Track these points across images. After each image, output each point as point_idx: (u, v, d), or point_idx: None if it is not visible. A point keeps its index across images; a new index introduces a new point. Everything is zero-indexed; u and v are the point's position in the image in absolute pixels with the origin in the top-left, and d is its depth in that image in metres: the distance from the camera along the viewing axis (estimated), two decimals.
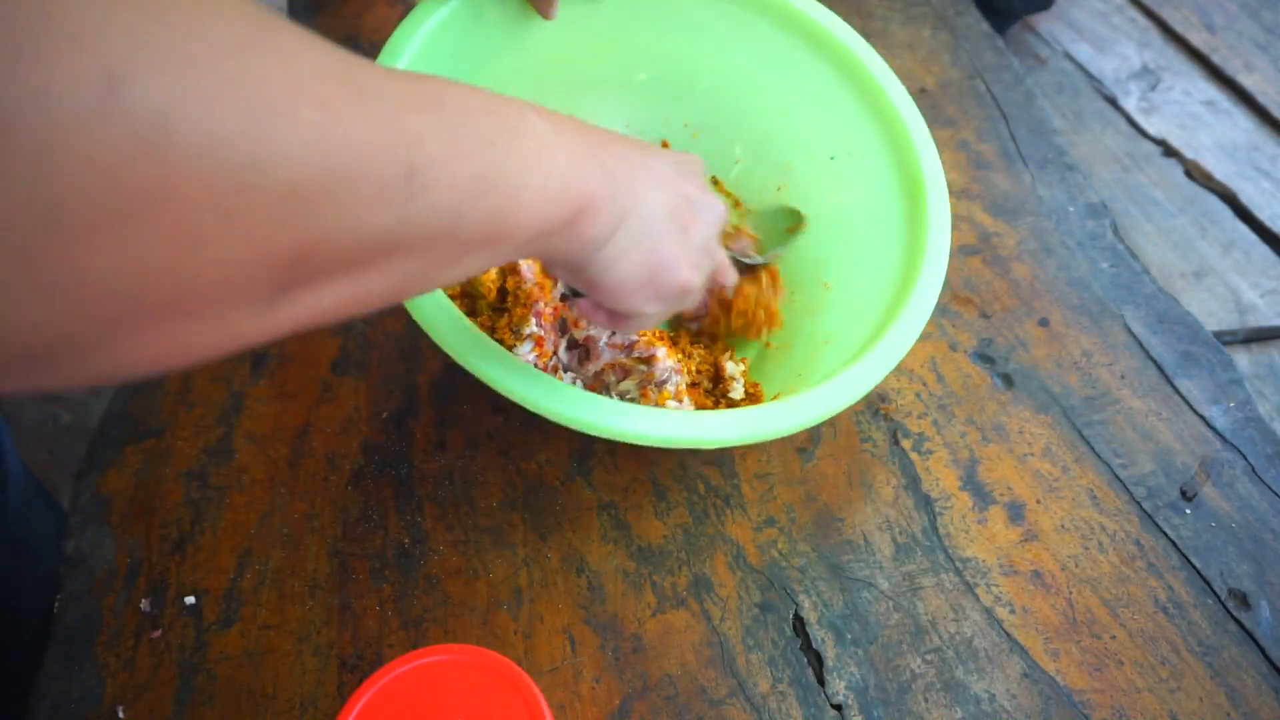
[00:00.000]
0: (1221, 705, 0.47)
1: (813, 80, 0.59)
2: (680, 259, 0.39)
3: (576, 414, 0.43)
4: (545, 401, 0.42)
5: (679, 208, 0.39)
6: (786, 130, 0.62)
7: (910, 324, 0.48)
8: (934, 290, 0.49)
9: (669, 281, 0.39)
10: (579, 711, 0.47)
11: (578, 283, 0.38)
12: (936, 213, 0.52)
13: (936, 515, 0.55)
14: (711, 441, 0.43)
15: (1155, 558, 0.53)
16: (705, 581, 0.52)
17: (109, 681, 0.47)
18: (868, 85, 0.56)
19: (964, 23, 0.90)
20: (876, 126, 0.56)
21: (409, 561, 0.52)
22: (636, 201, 0.36)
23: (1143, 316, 0.65)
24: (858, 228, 0.57)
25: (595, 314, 0.42)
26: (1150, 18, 1.32)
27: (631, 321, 0.41)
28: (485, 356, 0.43)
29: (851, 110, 0.58)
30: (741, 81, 0.62)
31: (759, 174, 0.64)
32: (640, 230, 0.36)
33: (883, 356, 0.47)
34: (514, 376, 0.43)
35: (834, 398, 0.45)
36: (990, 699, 0.48)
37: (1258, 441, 0.58)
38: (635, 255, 0.36)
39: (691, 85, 0.63)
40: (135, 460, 0.56)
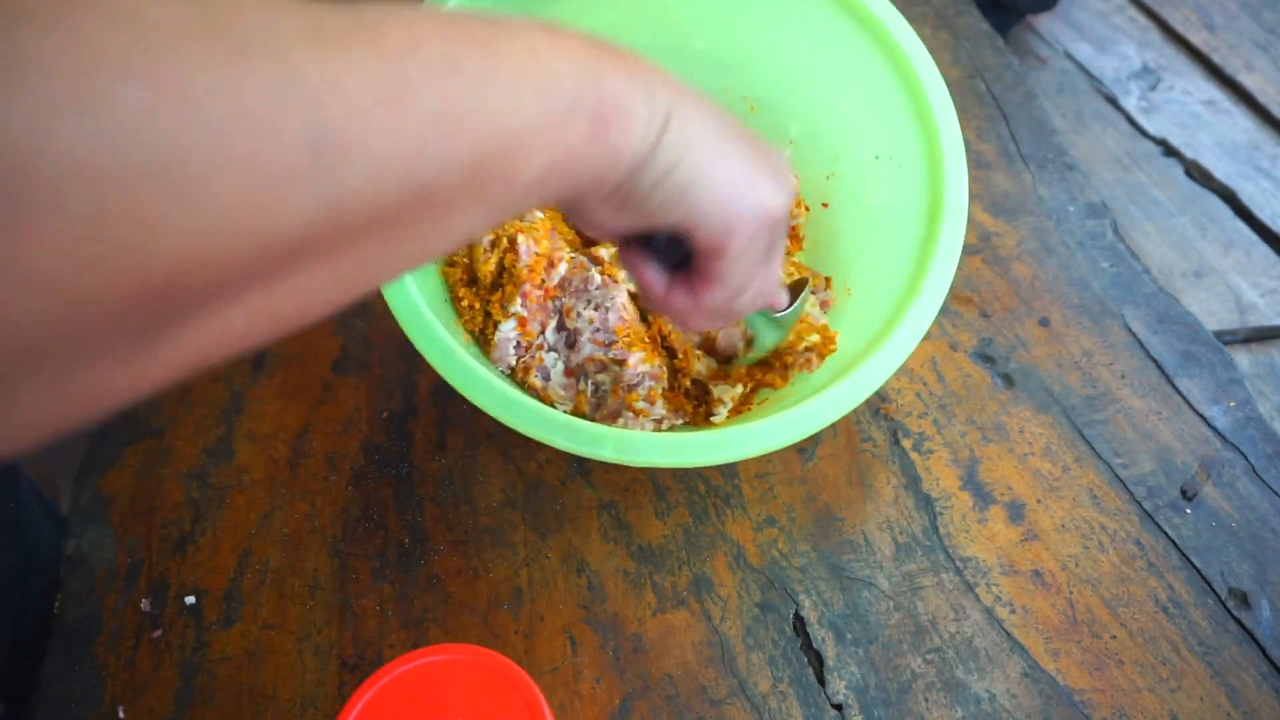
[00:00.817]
0: (1222, 705, 0.47)
1: (865, 73, 0.57)
2: (759, 172, 0.30)
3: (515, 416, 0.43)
4: (499, 410, 0.44)
5: (734, 123, 0.31)
6: (838, 120, 0.61)
7: (895, 349, 0.47)
8: (928, 315, 0.48)
9: (750, 199, 0.30)
10: (579, 711, 0.47)
11: (631, 219, 0.29)
12: (947, 241, 0.50)
13: (937, 515, 0.55)
14: (685, 463, 0.43)
15: (1155, 557, 0.53)
16: (705, 581, 0.52)
17: (109, 681, 0.47)
18: (916, 89, 0.55)
19: (964, 22, 0.90)
20: (919, 134, 0.55)
21: (409, 561, 0.52)
22: (679, 104, 0.28)
23: (1143, 316, 0.65)
24: (884, 233, 0.56)
25: (671, 297, 0.34)
26: (1150, 17, 1.32)
27: (720, 274, 0.32)
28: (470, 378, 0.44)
29: (899, 112, 0.56)
30: (798, 62, 0.61)
31: (810, 158, 0.63)
32: (694, 132, 0.29)
33: (860, 383, 0.46)
34: (491, 397, 0.44)
35: (802, 424, 0.44)
36: (990, 699, 0.48)
37: (1258, 441, 0.58)
38: (696, 158, 0.28)
39: (750, 59, 0.62)
40: (135, 460, 0.56)
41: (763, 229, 0.31)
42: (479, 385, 0.44)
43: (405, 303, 0.46)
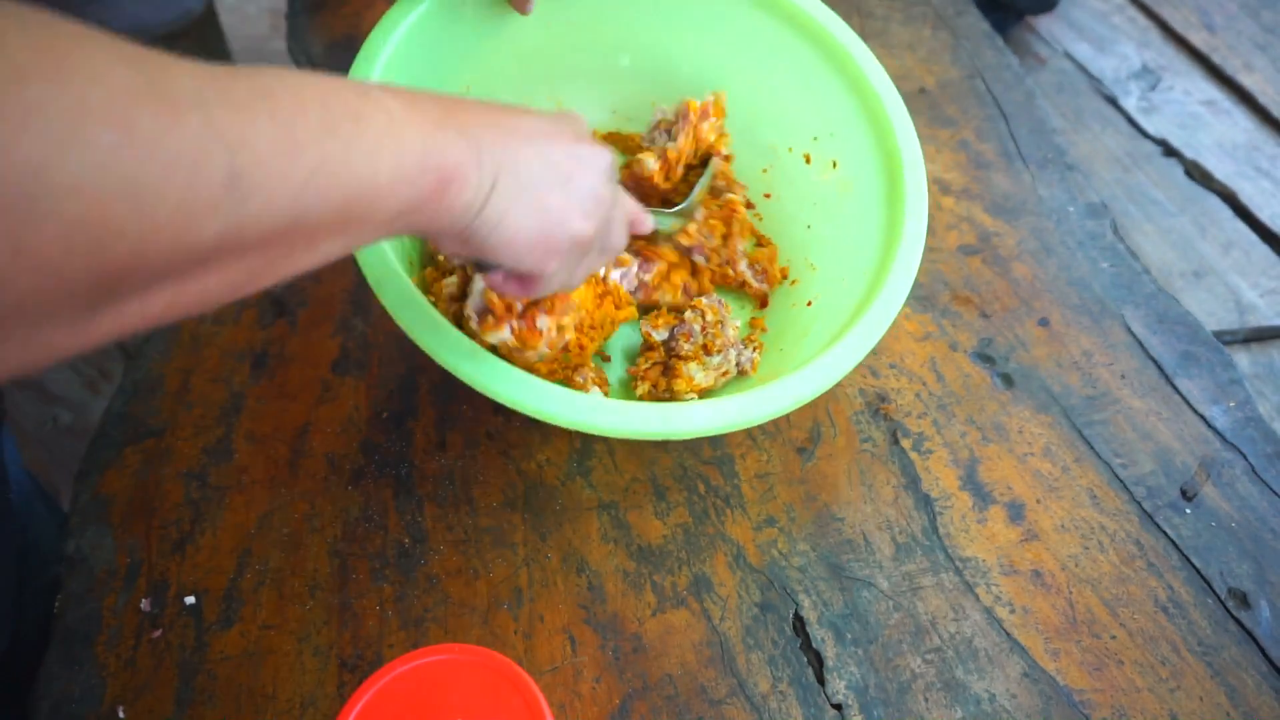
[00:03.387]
0: (1221, 705, 0.47)
1: (792, 60, 0.59)
2: (568, 209, 0.38)
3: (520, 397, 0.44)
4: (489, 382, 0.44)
5: (558, 160, 0.38)
6: (770, 112, 0.62)
7: (880, 315, 0.48)
8: (907, 279, 0.49)
9: (560, 235, 0.38)
10: (579, 711, 0.47)
11: (471, 252, 0.37)
12: (913, 196, 0.52)
13: (936, 515, 0.55)
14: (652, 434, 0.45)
15: (1155, 557, 0.53)
16: (705, 581, 0.52)
17: (109, 681, 0.47)
18: (845, 64, 0.57)
19: (964, 22, 0.90)
20: (856, 104, 0.57)
21: (409, 561, 0.52)
22: (507, 162, 0.35)
23: (1143, 316, 0.65)
24: (841, 206, 0.58)
25: (506, 286, 0.41)
26: (1150, 17, 1.32)
27: (539, 284, 0.40)
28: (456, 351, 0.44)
29: (832, 89, 0.58)
30: (723, 64, 0.63)
31: (746, 157, 0.64)
32: (517, 187, 0.35)
33: (845, 353, 0.47)
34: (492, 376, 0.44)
35: (791, 391, 0.45)
36: (990, 699, 0.48)
37: (1258, 441, 0.58)
38: (518, 213, 0.36)
39: (675, 69, 0.64)
40: (135, 460, 0.56)
41: (574, 251, 0.39)
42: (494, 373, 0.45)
43: (395, 291, 0.46)
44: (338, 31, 0.88)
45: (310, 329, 0.63)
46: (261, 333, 0.63)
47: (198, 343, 0.62)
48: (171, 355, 0.61)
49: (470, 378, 0.44)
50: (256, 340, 0.62)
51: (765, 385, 0.46)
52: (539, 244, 0.37)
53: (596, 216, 0.39)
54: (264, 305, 0.64)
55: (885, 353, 0.63)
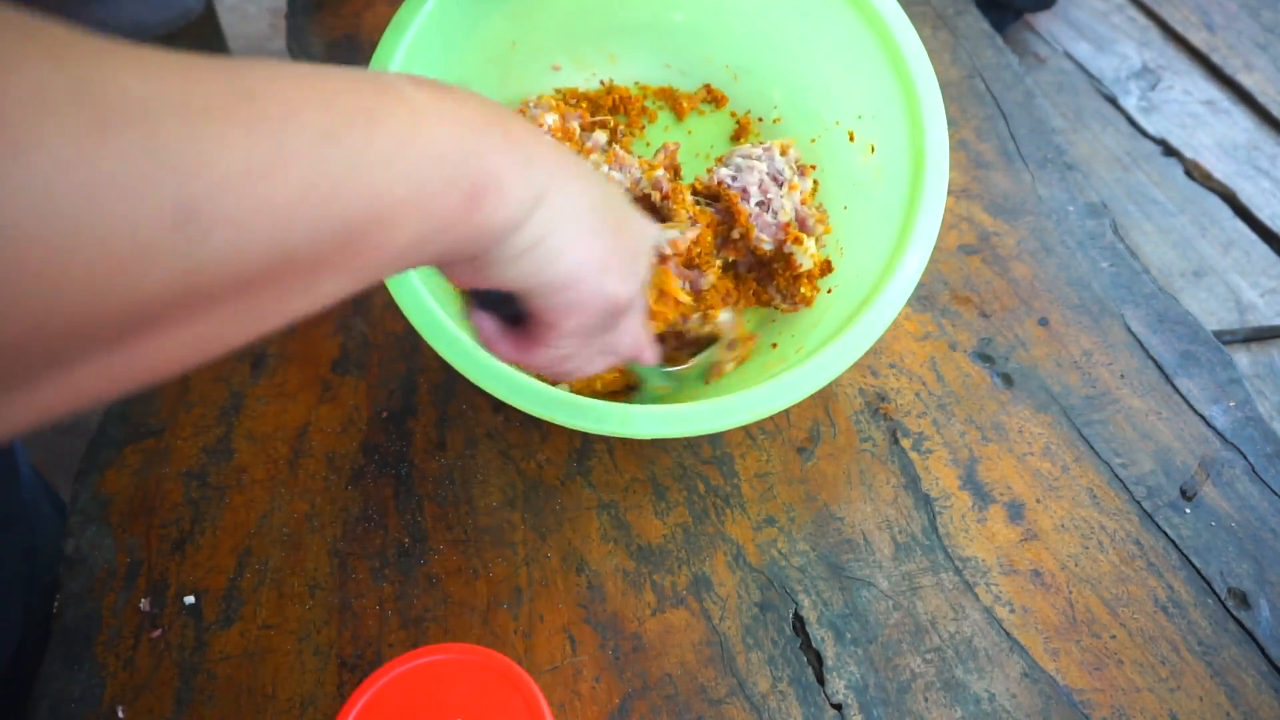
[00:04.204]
0: (1221, 705, 0.47)
1: (843, 33, 0.58)
2: (611, 262, 0.31)
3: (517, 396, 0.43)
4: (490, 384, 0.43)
5: (610, 204, 0.32)
6: (820, 83, 0.61)
7: (877, 317, 0.47)
8: (908, 286, 0.48)
9: (596, 287, 0.31)
10: (579, 711, 0.47)
11: (484, 278, 0.30)
12: (929, 207, 0.51)
13: (936, 515, 0.55)
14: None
15: (1155, 557, 0.53)
16: (705, 581, 0.52)
17: (109, 681, 0.47)
18: (892, 49, 0.55)
19: (964, 22, 0.90)
20: (899, 93, 0.55)
21: (409, 561, 0.52)
22: (557, 180, 0.29)
23: (1143, 316, 0.65)
24: (874, 194, 0.56)
25: (498, 342, 0.34)
26: (1150, 17, 1.32)
27: (542, 346, 0.33)
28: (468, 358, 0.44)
29: (879, 71, 0.56)
30: (776, 29, 0.62)
31: (795, 122, 0.63)
32: (567, 213, 0.29)
33: (838, 355, 0.46)
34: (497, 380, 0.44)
35: (775, 398, 0.45)
36: (990, 698, 0.48)
37: (1258, 441, 0.58)
38: (557, 244, 0.29)
39: (728, 26, 0.63)
40: (135, 460, 0.56)
41: (600, 314, 0.32)
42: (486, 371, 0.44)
43: (410, 295, 0.46)
44: (338, 31, 0.88)
45: (310, 329, 0.63)
46: None
47: None
48: None
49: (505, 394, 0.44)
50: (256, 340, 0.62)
51: (755, 387, 0.45)
52: (570, 286, 0.30)
53: (633, 286, 0.33)
54: None
55: (885, 352, 0.63)
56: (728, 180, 0.58)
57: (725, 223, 0.58)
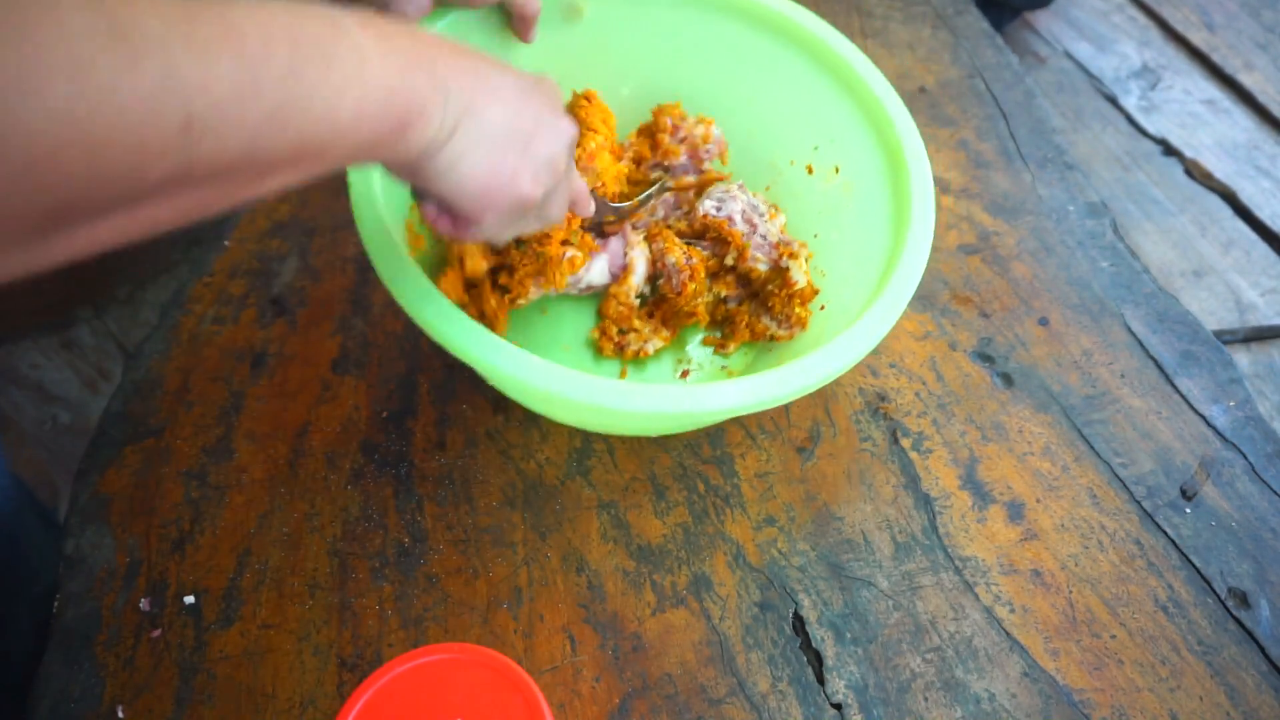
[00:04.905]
0: (1221, 704, 0.47)
1: (787, 74, 0.60)
2: (520, 170, 0.39)
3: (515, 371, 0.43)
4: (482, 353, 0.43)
5: (521, 122, 0.39)
6: (771, 127, 0.63)
7: (887, 309, 0.47)
8: (914, 277, 0.48)
9: (507, 192, 0.39)
10: (579, 710, 0.47)
11: (417, 183, 0.38)
12: (918, 184, 0.51)
13: (936, 514, 0.55)
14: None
15: (1155, 557, 0.53)
16: (705, 581, 0.52)
17: (108, 681, 0.47)
18: (839, 68, 0.57)
19: (964, 22, 0.90)
20: (853, 106, 0.57)
21: (409, 561, 0.52)
22: (473, 110, 0.36)
23: (1143, 316, 0.65)
24: (846, 210, 0.58)
25: (439, 220, 0.41)
26: (1150, 16, 1.32)
27: (472, 229, 0.41)
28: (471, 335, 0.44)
29: (829, 96, 0.58)
30: (722, 85, 0.63)
31: (749, 174, 0.64)
32: (476, 137, 0.36)
33: (845, 349, 0.46)
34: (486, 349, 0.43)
35: (790, 381, 0.44)
36: (990, 698, 0.48)
37: (1258, 440, 0.58)
38: (471, 161, 0.36)
39: (674, 94, 0.64)
40: (135, 460, 0.56)
41: (515, 209, 0.40)
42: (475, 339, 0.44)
43: (391, 264, 0.45)
44: None
45: (310, 328, 0.63)
46: (261, 332, 0.63)
47: (197, 342, 0.62)
48: (171, 355, 0.61)
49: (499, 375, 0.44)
50: (256, 340, 0.62)
51: (764, 372, 0.45)
52: (484, 194, 0.38)
53: (545, 184, 0.40)
54: (263, 305, 0.64)
55: (885, 352, 0.63)
56: (712, 211, 0.59)
57: (716, 255, 0.59)
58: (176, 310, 0.64)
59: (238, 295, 0.65)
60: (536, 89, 0.41)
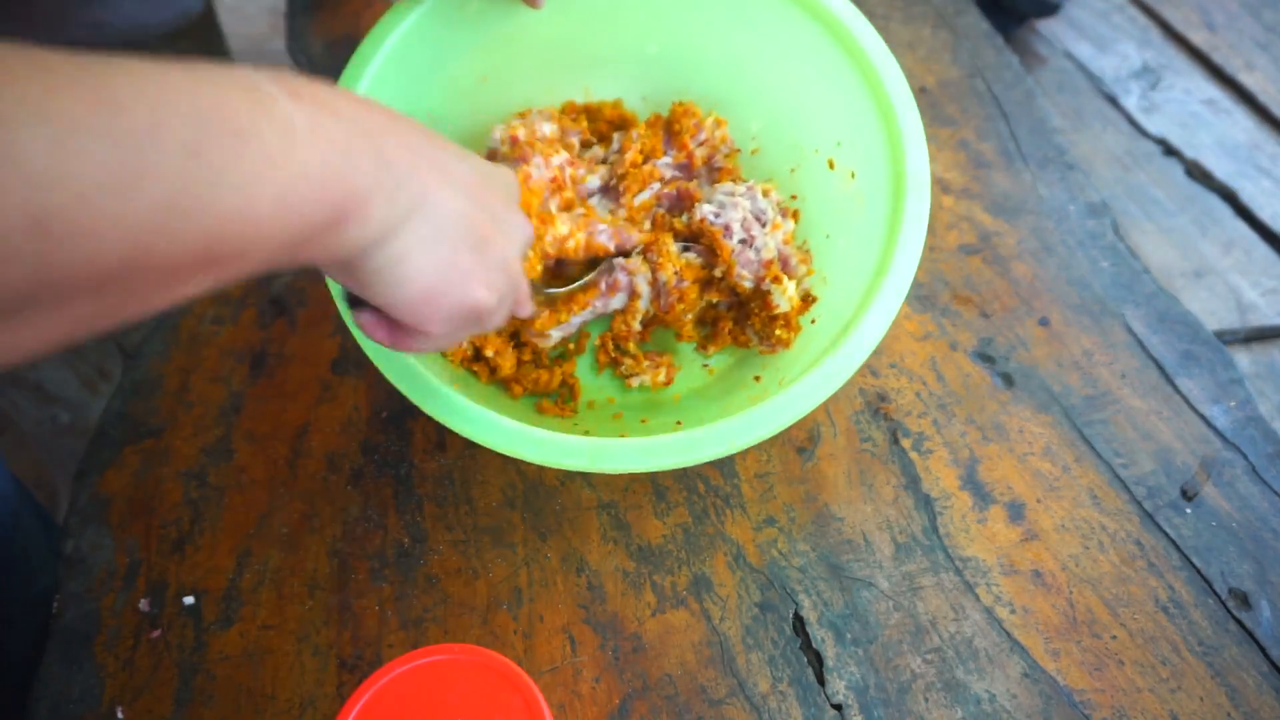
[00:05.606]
0: (1222, 705, 0.47)
1: (818, 59, 0.57)
2: (474, 275, 0.34)
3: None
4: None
5: (478, 219, 0.34)
6: (797, 110, 0.61)
7: (854, 348, 0.46)
8: (886, 318, 0.47)
9: (458, 299, 0.33)
10: (579, 711, 0.47)
11: (351, 285, 0.32)
12: (910, 228, 0.50)
13: (936, 515, 0.54)
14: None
15: (1156, 557, 0.53)
16: (705, 581, 0.52)
17: (108, 681, 0.47)
18: (868, 70, 0.55)
19: (964, 21, 0.90)
20: (876, 115, 0.55)
21: (409, 561, 0.52)
22: (426, 201, 0.31)
23: (1143, 316, 0.65)
24: (855, 220, 0.56)
25: (374, 329, 0.36)
26: (1150, 16, 1.32)
27: (416, 340, 0.36)
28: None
29: (854, 94, 0.56)
30: (753, 60, 0.61)
31: (774, 152, 0.63)
32: (429, 234, 0.31)
33: (838, 367, 0.45)
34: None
35: (758, 425, 0.45)
36: (990, 699, 0.48)
37: (1258, 441, 0.58)
38: (419, 262, 0.31)
39: (704, 58, 0.62)
40: (134, 460, 0.56)
41: (464, 318, 0.35)
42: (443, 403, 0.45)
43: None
44: (337, 31, 0.88)
45: (309, 328, 0.63)
46: (261, 332, 0.62)
47: (196, 342, 0.62)
48: (170, 355, 0.61)
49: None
50: (256, 340, 0.62)
51: (734, 416, 0.45)
52: (430, 300, 0.33)
53: (499, 291, 0.36)
54: (263, 305, 0.64)
55: (885, 353, 0.62)
56: (710, 217, 0.57)
57: (708, 265, 0.58)
58: (176, 310, 0.64)
59: (237, 295, 0.65)
60: (495, 179, 0.37)
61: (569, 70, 0.63)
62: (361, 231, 0.28)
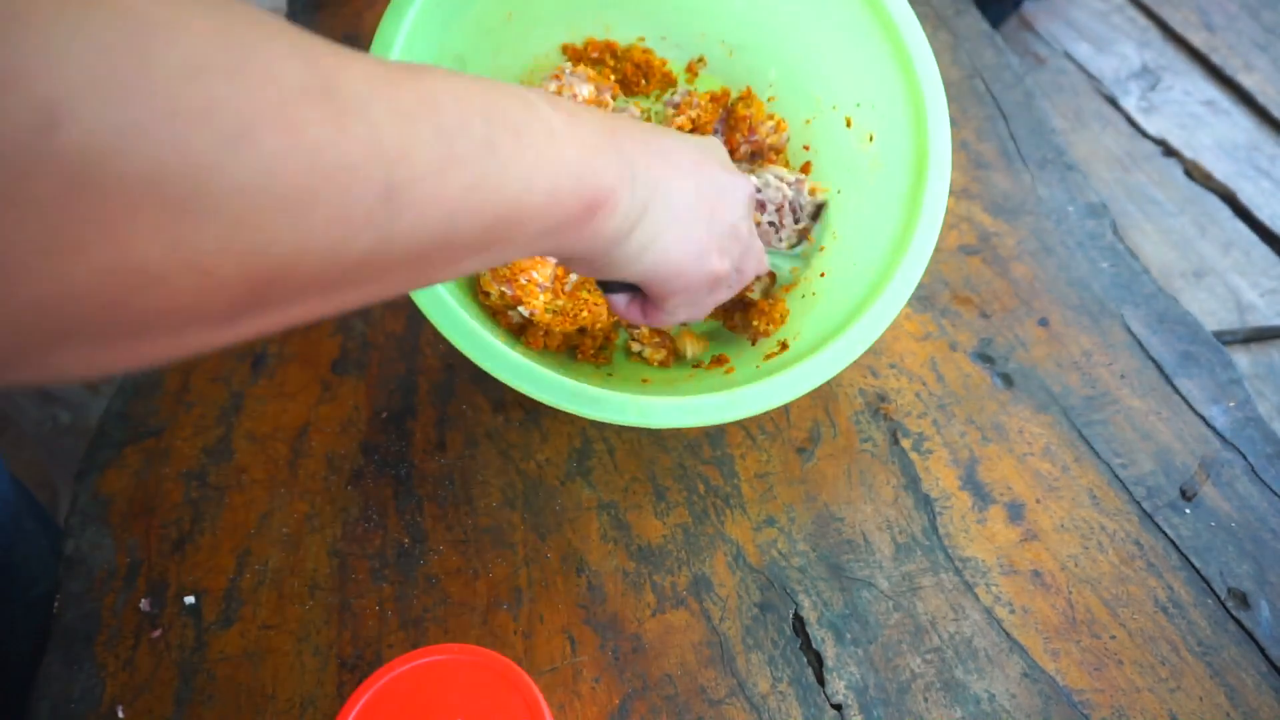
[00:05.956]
0: (1221, 705, 0.47)
1: (847, 20, 0.57)
2: (709, 246, 0.38)
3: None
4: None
5: (704, 193, 0.38)
6: (818, 64, 0.61)
7: (880, 314, 0.48)
8: (910, 282, 0.49)
9: (699, 271, 0.38)
10: (579, 711, 0.47)
11: (605, 274, 0.36)
12: (930, 208, 0.51)
13: (936, 515, 0.55)
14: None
15: (1155, 557, 0.53)
16: (705, 581, 0.52)
17: (108, 681, 0.47)
18: (898, 45, 0.55)
19: (964, 22, 0.90)
20: (903, 87, 0.55)
21: (409, 561, 0.52)
22: (659, 189, 0.35)
23: (1142, 316, 0.65)
24: (870, 182, 0.56)
25: (629, 311, 0.41)
26: (1150, 17, 1.32)
27: (664, 313, 0.41)
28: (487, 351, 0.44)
29: (882, 63, 0.56)
30: (775, 5, 0.61)
31: (790, 101, 0.63)
32: (665, 219, 0.35)
33: (838, 354, 0.47)
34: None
35: (784, 391, 0.46)
36: (990, 699, 0.48)
37: (1257, 441, 0.58)
38: (662, 245, 0.35)
39: (726, 2, 0.63)
40: (135, 460, 0.56)
41: (705, 287, 0.40)
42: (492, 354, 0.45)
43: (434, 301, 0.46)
44: (338, 31, 0.88)
45: (310, 328, 0.63)
46: None
47: None
48: None
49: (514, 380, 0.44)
50: (256, 340, 0.62)
51: (749, 385, 0.46)
52: (679, 275, 0.37)
53: (733, 254, 0.40)
54: None
55: (885, 353, 0.63)
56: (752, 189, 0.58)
57: None
58: None
59: None
60: (709, 152, 0.40)
61: (590, 8, 0.63)
62: (608, 221, 0.32)
